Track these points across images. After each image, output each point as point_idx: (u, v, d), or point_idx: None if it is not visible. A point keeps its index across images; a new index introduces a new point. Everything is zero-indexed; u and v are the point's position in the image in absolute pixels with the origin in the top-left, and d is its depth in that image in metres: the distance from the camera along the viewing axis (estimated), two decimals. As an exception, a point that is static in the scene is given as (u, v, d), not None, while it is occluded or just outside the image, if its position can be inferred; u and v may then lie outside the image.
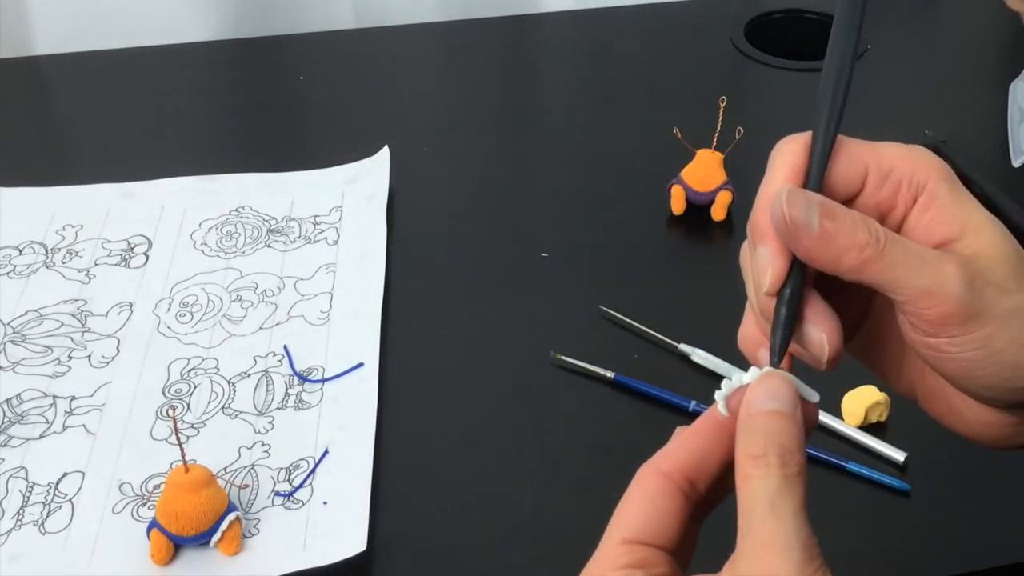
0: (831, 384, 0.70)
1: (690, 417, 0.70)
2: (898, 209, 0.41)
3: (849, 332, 0.43)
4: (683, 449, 0.40)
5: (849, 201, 0.42)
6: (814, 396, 0.40)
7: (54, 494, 0.66)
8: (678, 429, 0.41)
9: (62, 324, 0.77)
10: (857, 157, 0.41)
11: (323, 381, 0.72)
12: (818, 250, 0.39)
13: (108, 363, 0.74)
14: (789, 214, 0.39)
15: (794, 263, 0.40)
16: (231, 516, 0.62)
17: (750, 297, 0.43)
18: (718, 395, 0.40)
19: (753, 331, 0.43)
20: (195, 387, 0.72)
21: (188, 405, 0.71)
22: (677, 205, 0.84)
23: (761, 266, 0.40)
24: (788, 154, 0.41)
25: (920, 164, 0.41)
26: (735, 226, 0.83)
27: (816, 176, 0.41)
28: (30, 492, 0.66)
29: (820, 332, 0.40)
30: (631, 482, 0.41)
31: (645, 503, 0.40)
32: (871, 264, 0.39)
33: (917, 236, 0.41)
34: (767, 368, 0.40)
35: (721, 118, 0.82)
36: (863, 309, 0.45)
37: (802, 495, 0.37)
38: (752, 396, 0.39)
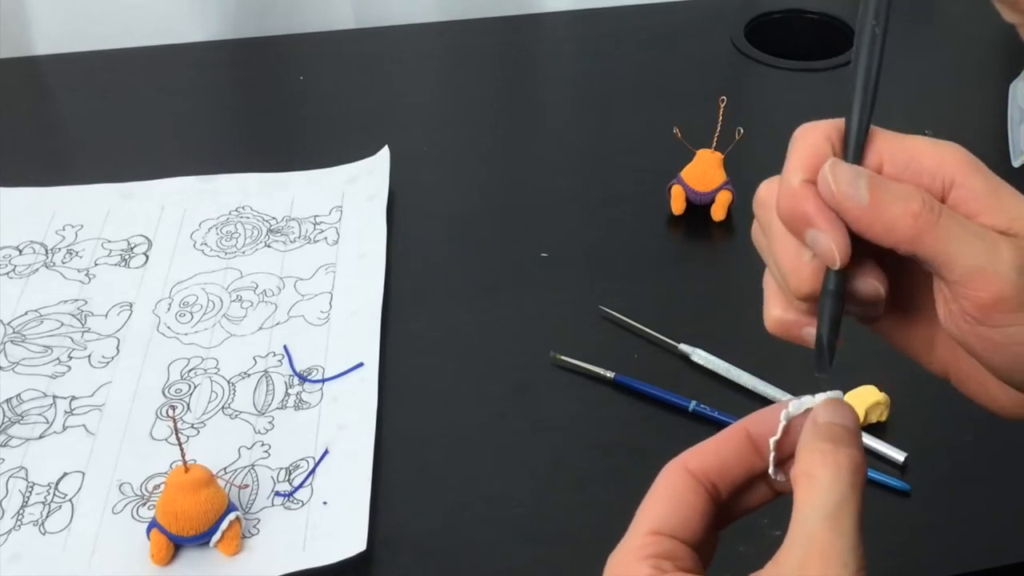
0: (831, 384, 0.70)
1: (690, 417, 0.70)
2: None
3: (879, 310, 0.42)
4: (710, 453, 0.40)
5: None
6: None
7: (54, 494, 0.66)
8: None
9: (62, 324, 0.77)
10: (872, 148, 0.40)
11: (323, 381, 0.72)
12: (869, 220, 0.37)
13: (108, 363, 0.74)
14: (836, 187, 0.37)
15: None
16: (231, 516, 0.62)
17: (780, 280, 0.41)
18: (784, 414, 0.39)
19: (787, 313, 0.41)
20: (195, 387, 0.72)
21: (188, 405, 0.71)
22: (677, 205, 0.84)
23: (823, 249, 0.38)
24: (808, 139, 0.40)
25: (947, 158, 0.39)
26: (735, 226, 0.83)
27: (854, 151, 0.39)
28: (30, 492, 0.66)
29: (829, 241, 0.38)
30: (657, 476, 0.40)
31: (672, 497, 0.39)
32: (926, 234, 0.37)
33: None
34: (833, 392, 0.39)
35: (721, 118, 0.82)
36: (894, 287, 0.42)
37: (862, 510, 0.36)
38: (818, 412, 0.38)
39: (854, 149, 0.40)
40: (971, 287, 0.37)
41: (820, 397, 0.39)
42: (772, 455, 0.39)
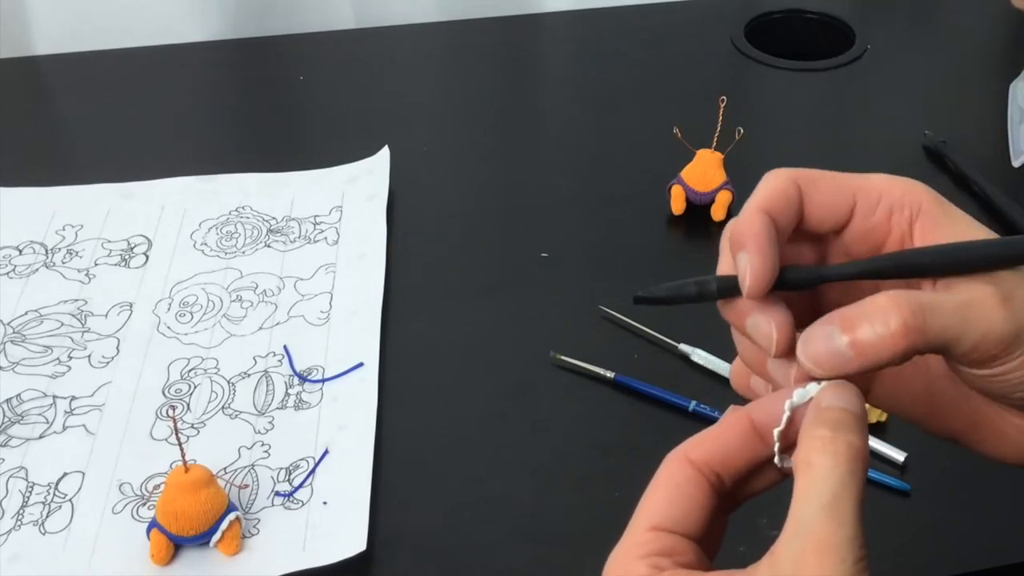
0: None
1: (690, 417, 0.70)
2: (894, 235, 0.41)
3: (866, 383, 0.43)
4: (712, 441, 0.40)
5: (838, 231, 0.41)
6: None
7: (54, 494, 0.66)
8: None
9: (62, 324, 0.77)
10: (842, 186, 0.41)
11: (323, 381, 0.72)
12: (868, 363, 0.38)
13: (108, 363, 0.74)
14: (816, 362, 0.38)
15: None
16: (231, 516, 0.62)
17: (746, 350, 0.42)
18: (788, 404, 0.39)
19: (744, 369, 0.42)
20: (195, 387, 0.72)
21: (188, 405, 0.71)
22: (677, 205, 0.84)
23: (740, 271, 0.39)
24: (772, 183, 0.41)
25: (909, 188, 0.41)
26: (735, 226, 0.83)
27: None
28: (30, 492, 0.66)
29: (769, 322, 0.39)
30: (658, 469, 0.40)
31: (672, 490, 0.39)
32: (921, 336, 0.37)
33: None
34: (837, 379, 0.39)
35: (721, 118, 0.82)
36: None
37: (862, 498, 0.36)
38: (821, 396, 0.38)
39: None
40: (973, 356, 0.38)
41: (825, 384, 0.39)
42: (777, 445, 0.39)
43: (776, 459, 0.39)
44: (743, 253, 0.39)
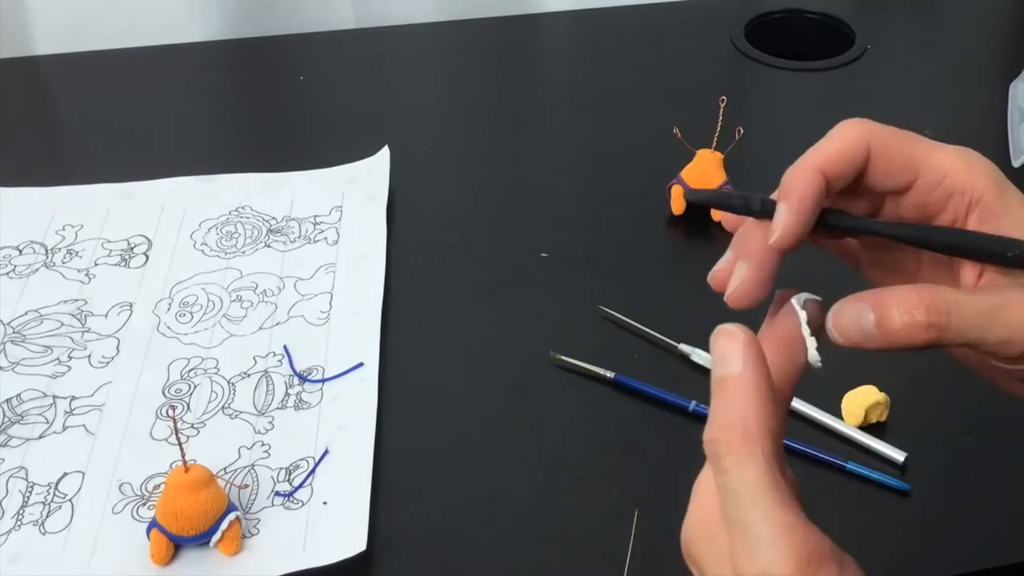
0: (831, 384, 0.70)
1: (690, 417, 0.69)
2: (947, 214, 0.42)
3: None
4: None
5: (894, 195, 0.42)
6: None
7: (54, 494, 0.66)
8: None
9: (62, 324, 0.77)
10: (909, 156, 0.42)
11: (323, 381, 0.72)
12: (890, 344, 0.39)
13: (108, 363, 0.74)
14: (843, 333, 0.39)
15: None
16: (231, 516, 0.62)
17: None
18: (799, 314, 0.41)
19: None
20: (195, 387, 0.72)
21: (188, 405, 0.71)
22: (677, 205, 0.84)
23: (775, 221, 0.40)
24: (842, 141, 0.42)
25: (974, 178, 0.41)
26: (735, 226, 0.83)
27: None
28: (30, 492, 0.66)
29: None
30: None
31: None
32: (945, 333, 0.38)
33: None
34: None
35: (721, 118, 0.82)
36: (909, 278, 0.44)
37: (776, 479, 0.37)
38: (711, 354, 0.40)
39: None
40: (998, 354, 0.39)
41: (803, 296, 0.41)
42: (811, 340, 0.41)
43: (810, 357, 0.41)
44: (784, 205, 0.40)
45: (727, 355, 0.40)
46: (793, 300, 0.41)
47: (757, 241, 0.41)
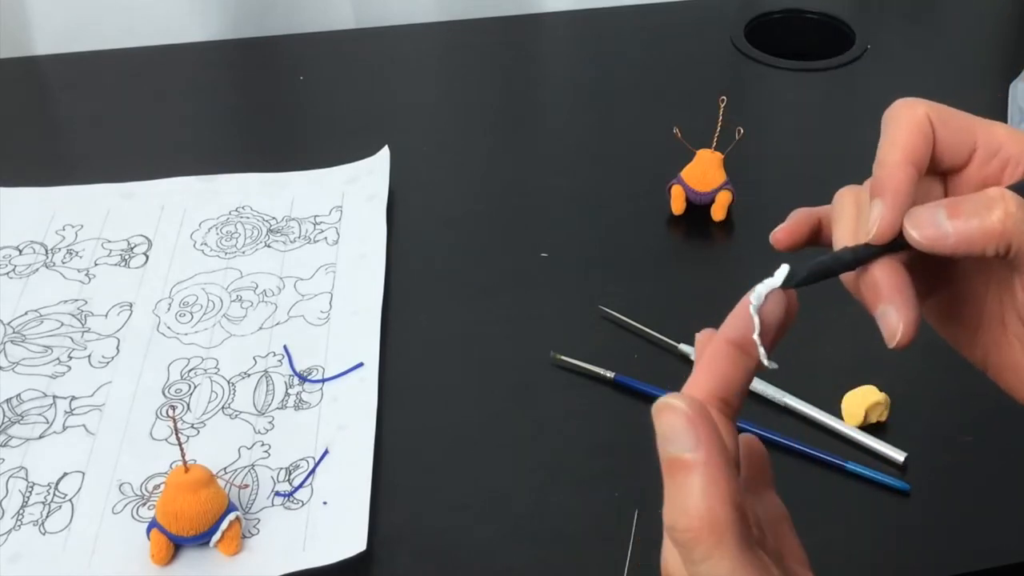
0: (831, 384, 0.70)
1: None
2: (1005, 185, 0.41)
3: (923, 295, 0.43)
4: (707, 376, 0.40)
5: (955, 172, 0.42)
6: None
7: (54, 494, 0.66)
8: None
9: (62, 324, 0.77)
10: (968, 129, 0.42)
11: (323, 381, 0.72)
12: (963, 247, 0.38)
13: (108, 363, 0.74)
14: (917, 227, 0.39)
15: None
16: (231, 516, 0.62)
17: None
18: (752, 309, 0.40)
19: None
20: (195, 387, 0.72)
21: (188, 405, 0.71)
22: (677, 205, 0.84)
23: (872, 217, 0.40)
24: (913, 124, 0.41)
25: None
26: (735, 226, 0.83)
27: None
28: (30, 492, 0.66)
29: (899, 319, 0.39)
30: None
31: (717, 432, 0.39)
32: (1017, 233, 0.38)
33: None
34: (782, 269, 0.40)
35: (721, 118, 0.82)
36: (941, 274, 0.44)
37: (750, 557, 0.36)
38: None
39: None
40: None
41: (777, 274, 0.40)
42: (761, 349, 0.40)
43: (764, 361, 0.40)
44: (879, 201, 0.40)
45: (674, 434, 0.37)
46: (751, 300, 0.40)
47: (889, 182, 0.40)
